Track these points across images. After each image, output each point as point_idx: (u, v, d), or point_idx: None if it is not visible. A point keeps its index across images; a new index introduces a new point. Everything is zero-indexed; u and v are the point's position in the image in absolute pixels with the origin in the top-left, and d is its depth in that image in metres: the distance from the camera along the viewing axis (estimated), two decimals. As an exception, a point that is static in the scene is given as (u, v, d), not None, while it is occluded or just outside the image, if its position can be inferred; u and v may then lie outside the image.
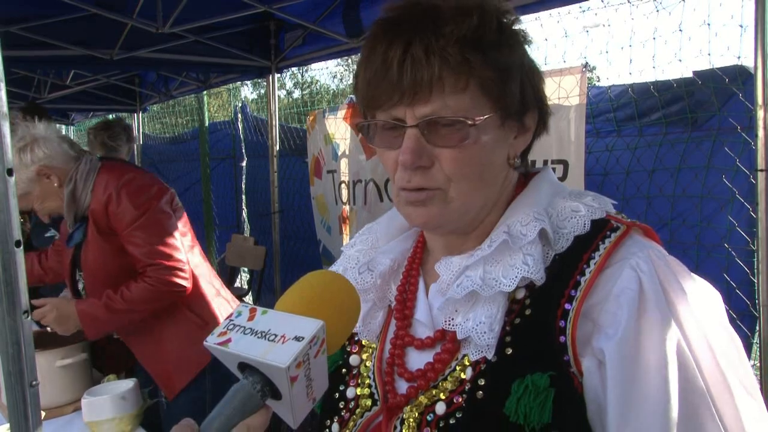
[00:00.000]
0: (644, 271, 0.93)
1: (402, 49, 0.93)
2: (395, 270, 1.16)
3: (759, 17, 2.57)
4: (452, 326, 1.01)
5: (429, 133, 0.96)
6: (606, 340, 0.91)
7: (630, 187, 3.52)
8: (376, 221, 1.27)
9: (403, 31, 0.95)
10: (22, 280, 1.51)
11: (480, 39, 0.94)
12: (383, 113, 0.99)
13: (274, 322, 0.84)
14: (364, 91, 1.00)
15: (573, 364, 0.92)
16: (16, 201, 1.48)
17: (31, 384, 1.56)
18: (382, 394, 1.06)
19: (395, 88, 0.94)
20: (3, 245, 1.48)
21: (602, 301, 0.93)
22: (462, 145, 0.96)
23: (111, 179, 2.69)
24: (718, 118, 3.23)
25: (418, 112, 0.96)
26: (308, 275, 0.98)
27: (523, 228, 0.99)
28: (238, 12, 4.34)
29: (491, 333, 0.96)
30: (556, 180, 1.12)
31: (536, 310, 0.96)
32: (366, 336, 1.14)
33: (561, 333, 0.93)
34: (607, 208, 1.03)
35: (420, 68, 0.92)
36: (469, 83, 0.95)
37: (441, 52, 0.92)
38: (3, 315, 1.50)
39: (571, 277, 0.95)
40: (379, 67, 0.96)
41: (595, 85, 4.61)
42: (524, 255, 0.97)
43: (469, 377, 0.97)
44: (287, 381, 0.80)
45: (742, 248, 3.13)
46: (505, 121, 1.00)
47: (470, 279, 0.99)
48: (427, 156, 0.98)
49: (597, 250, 0.96)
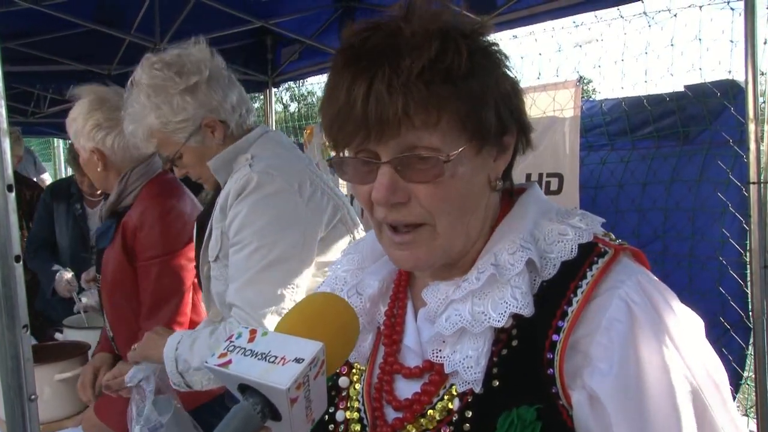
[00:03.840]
0: (636, 302, 0.91)
1: (366, 86, 0.89)
2: (384, 292, 1.14)
3: (749, 32, 2.61)
4: (439, 358, 1.00)
5: (403, 169, 0.93)
6: (600, 377, 0.89)
7: (623, 200, 3.55)
8: (362, 238, 1.25)
9: (364, 65, 0.90)
10: (21, 294, 1.53)
11: (447, 70, 0.90)
12: (351, 149, 0.96)
13: (275, 344, 0.84)
14: (329, 128, 0.96)
15: (562, 396, 0.91)
16: (15, 217, 1.50)
17: (30, 398, 1.57)
18: (371, 420, 1.06)
19: (361, 126, 0.90)
20: (3, 260, 1.50)
21: (592, 332, 0.91)
22: (437, 181, 0.93)
23: (153, 204, 2.54)
24: (710, 131, 3.27)
25: (391, 148, 0.92)
26: (308, 296, 0.99)
27: (510, 257, 0.97)
28: (235, 27, 4.39)
29: (478, 367, 0.95)
30: (543, 198, 1.09)
31: (523, 341, 0.95)
32: (356, 359, 1.13)
33: (549, 365, 0.91)
34: (595, 229, 1.00)
35: (384, 106, 0.88)
36: (441, 117, 0.91)
37: (403, 88, 0.88)
38: (2, 329, 1.52)
39: (558, 306, 0.93)
40: (342, 104, 0.91)
41: (591, 98, 4.65)
42: (512, 288, 0.95)
43: (456, 408, 0.97)
44: (287, 402, 0.80)
45: (735, 260, 3.15)
46: (482, 148, 0.97)
47: (459, 314, 0.97)
48: (402, 192, 0.94)
49: (584, 278, 0.94)
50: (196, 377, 1.95)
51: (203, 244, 2.20)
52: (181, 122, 2.07)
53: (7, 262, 1.50)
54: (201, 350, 1.93)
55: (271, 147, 2.15)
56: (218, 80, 2.12)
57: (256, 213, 1.95)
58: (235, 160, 2.11)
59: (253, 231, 1.94)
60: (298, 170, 2.04)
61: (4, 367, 1.54)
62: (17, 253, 1.51)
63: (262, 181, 1.95)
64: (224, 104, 2.11)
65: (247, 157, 2.07)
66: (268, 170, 1.98)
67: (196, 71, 2.07)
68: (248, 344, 0.85)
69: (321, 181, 2.10)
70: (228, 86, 2.15)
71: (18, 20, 3.96)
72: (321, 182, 2.09)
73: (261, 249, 1.92)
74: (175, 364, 1.97)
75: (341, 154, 0.98)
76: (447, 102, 0.90)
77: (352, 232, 2.15)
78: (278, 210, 1.96)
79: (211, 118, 2.09)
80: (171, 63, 2.07)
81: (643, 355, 0.88)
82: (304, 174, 2.04)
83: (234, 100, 2.14)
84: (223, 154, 2.11)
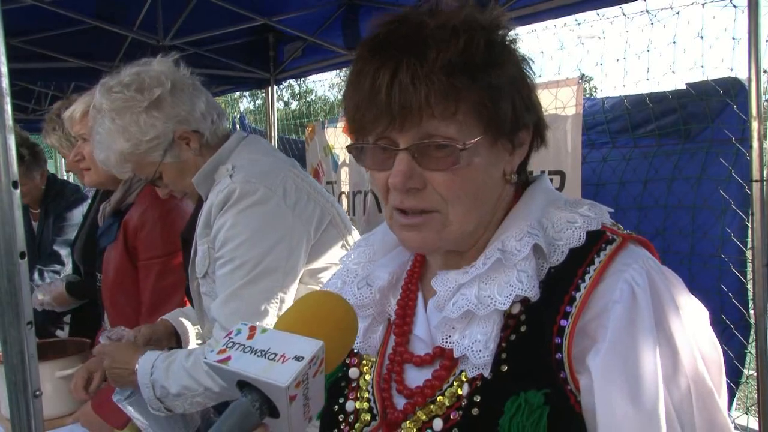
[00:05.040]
0: (639, 285, 0.92)
1: (390, 74, 0.92)
2: (394, 284, 1.16)
3: (752, 30, 2.61)
4: (449, 344, 1.01)
5: (420, 157, 0.95)
6: (594, 353, 0.91)
7: (625, 197, 3.55)
8: (372, 232, 1.26)
9: (390, 54, 0.94)
10: (26, 291, 1.54)
11: (467, 62, 0.93)
12: (373, 136, 0.99)
13: (274, 341, 0.84)
14: (352, 114, 0.99)
15: (570, 381, 0.92)
16: (20, 213, 1.51)
17: (35, 394, 1.58)
18: (381, 409, 1.07)
19: (384, 113, 0.93)
20: (8, 257, 1.50)
21: (598, 315, 0.93)
22: (454, 169, 0.95)
23: (155, 203, 2.53)
24: (712, 129, 3.27)
25: (410, 136, 0.95)
26: (308, 294, 0.99)
27: (517, 243, 0.99)
28: (238, 24, 4.39)
29: (486, 351, 0.96)
30: (551, 188, 1.11)
31: (532, 326, 0.96)
32: (366, 351, 1.14)
33: (557, 350, 0.92)
34: (603, 218, 1.02)
35: (408, 94, 0.91)
36: (459, 108, 0.94)
37: (426, 79, 0.91)
38: (7, 326, 1.53)
39: (566, 292, 0.95)
40: (367, 91, 0.94)
41: (593, 95, 4.65)
42: (518, 272, 0.97)
43: (465, 393, 0.98)
44: (286, 400, 0.81)
45: (737, 258, 3.15)
46: (497, 140, 0.99)
47: (465, 298, 0.99)
48: (419, 178, 0.97)
49: (592, 264, 0.96)
50: (177, 402, 1.90)
51: (190, 261, 2.15)
52: (152, 140, 2.00)
53: (12, 259, 1.51)
54: (178, 375, 1.88)
55: (251, 154, 2.08)
56: (183, 90, 2.04)
57: (240, 225, 1.90)
58: (216, 172, 2.05)
59: (237, 245, 1.89)
60: (281, 175, 1.98)
61: (9, 364, 1.55)
62: (22, 250, 1.52)
63: (244, 191, 1.89)
64: (193, 113, 2.04)
65: (228, 167, 2.01)
66: (250, 179, 1.92)
67: (157, 84, 1.99)
68: (247, 341, 0.85)
69: (306, 184, 2.04)
70: (194, 94, 2.07)
71: (20, 17, 3.95)
72: (306, 185, 2.03)
73: (245, 264, 1.88)
74: (152, 391, 1.91)
75: (361, 141, 1.01)
76: (465, 93, 0.93)
77: (344, 235, 2.10)
78: (263, 220, 1.91)
79: (183, 129, 2.03)
80: (129, 83, 2.00)
81: (637, 336, 0.90)
82: (287, 178, 1.98)
83: (202, 107, 2.07)
84: (203, 168, 2.05)
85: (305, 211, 1.97)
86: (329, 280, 1.29)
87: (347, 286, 1.17)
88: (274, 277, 1.89)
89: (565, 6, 3.30)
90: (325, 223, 2.03)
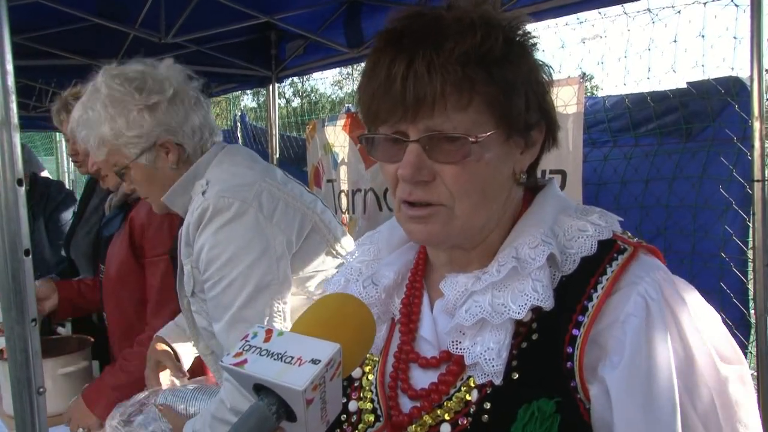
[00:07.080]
0: (653, 298, 0.93)
1: (405, 65, 0.93)
2: (399, 283, 1.15)
3: (754, 29, 2.61)
4: (459, 350, 1.00)
5: (430, 149, 0.95)
6: (610, 368, 0.91)
7: (626, 196, 3.55)
8: (377, 230, 1.26)
9: (406, 45, 0.94)
10: (30, 288, 1.54)
11: (484, 55, 0.93)
12: (386, 127, 0.99)
13: (291, 344, 0.84)
14: (367, 104, 1.00)
15: (580, 390, 0.92)
16: (25, 211, 1.51)
17: (38, 391, 1.58)
18: (385, 410, 1.06)
19: (398, 103, 0.94)
20: (12, 254, 1.51)
21: (609, 326, 0.93)
22: (464, 162, 0.95)
23: None
24: (713, 128, 3.27)
25: (421, 128, 0.95)
26: (324, 297, 0.99)
27: (531, 251, 0.98)
28: (240, 22, 4.38)
29: (499, 359, 0.96)
30: (561, 194, 1.11)
31: (543, 334, 0.96)
32: (369, 350, 1.13)
33: (569, 359, 0.93)
34: (613, 227, 1.02)
35: (423, 85, 0.92)
36: (472, 100, 0.94)
37: (442, 69, 0.91)
38: (12, 323, 1.53)
39: (578, 301, 0.95)
40: (383, 81, 0.95)
41: (594, 94, 4.65)
42: (533, 281, 0.96)
43: (474, 399, 0.98)
44: (303, 403, 0.80)
45: (738, 257, 3.16)
46: (509, 136, 0.99)
47: (479, 305, 0.99)
48: (428, 171, 0.97)
49: (604, 274, 0.96)
50: None
51: (178, 279, 2.13)
52: (134, 137, 1.98)
53: (16, 256, 1.51)
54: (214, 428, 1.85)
55: (227, 166, 2.04)
56: (182, 101, 2.02)
57: (222, 245, 1.86)
58: (192, 188, 2.02)
59: (222, 264, 1.85)
60: (255, 187, 1.93)
61: (14, 360, 1.56)
62: (27, 247, 1.52)
63: (218, 208, 1.86)
64: (184, 126, 2.02)
65: (202, 183, 1.98)
66: (222, 195, 1.88)
67: (158, 90, 1.98)
68: (264, 344, 0.85)
69: (282, 192, 1.99)
70: (193, 108, 2.05)
71: (22, 14, 3.96)
72: (282, 193, 1.98)
73: (235, 282, 1.84)
74: None
75: (372, 132, 1.02)
76: (480, 86, 0.93)
77: (329, 242, 2.07)
78: (243, 235, 1.86)
79: (167, 139, 2.01)
80: (132, 78, 1.98)
81: (654, 351, 0.90)
82: (262, 189, 1.94)
83: (195, 123, 2.04)
84: (177, 184, 2.02)
85: (284, 218, 1.94)
86: (332, 277, 1.28)
87: (351, 285, 1.17)
88: (270, 291, 1.87)
89: (566, 5, 3.29)
90: (306, 229, 2.00)
